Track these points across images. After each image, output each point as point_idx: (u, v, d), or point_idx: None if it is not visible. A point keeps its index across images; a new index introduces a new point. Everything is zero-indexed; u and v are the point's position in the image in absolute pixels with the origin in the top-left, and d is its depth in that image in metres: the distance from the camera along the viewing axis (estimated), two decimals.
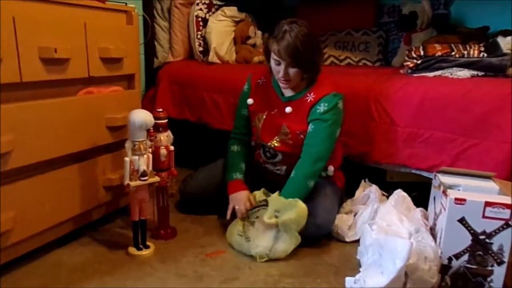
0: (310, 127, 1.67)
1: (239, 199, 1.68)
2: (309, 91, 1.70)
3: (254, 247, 1.56)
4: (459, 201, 1.30)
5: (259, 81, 1.84)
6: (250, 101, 1.81)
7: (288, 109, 1.71)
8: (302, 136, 1.70)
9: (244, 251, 1.58)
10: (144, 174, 1.51)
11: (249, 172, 1.83)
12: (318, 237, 1.67)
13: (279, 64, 1.61)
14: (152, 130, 1.58)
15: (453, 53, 1.94)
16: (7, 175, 1.32)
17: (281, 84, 1.70)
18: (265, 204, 1.61)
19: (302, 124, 1.69)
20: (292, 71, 1.61)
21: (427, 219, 1.53)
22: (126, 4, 1.79)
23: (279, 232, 1.57)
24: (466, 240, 1.32)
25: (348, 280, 1.38)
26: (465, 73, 1.87)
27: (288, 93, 1.75)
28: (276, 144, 1.75)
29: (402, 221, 1.45)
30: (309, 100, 1.68)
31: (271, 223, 1.55)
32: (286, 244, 1.55)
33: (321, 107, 1.65)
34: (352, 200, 1.86)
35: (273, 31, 1.62)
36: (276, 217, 1.57)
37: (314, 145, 1.66)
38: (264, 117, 1.77)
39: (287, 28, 1.57)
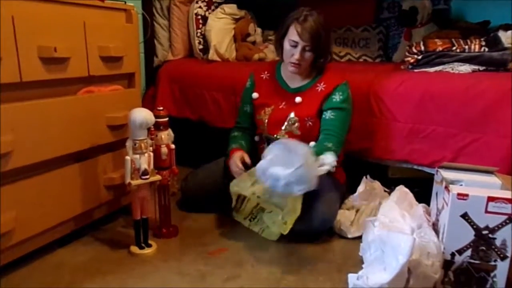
0: (330, 114, 1.71)
1: (231, 162, 1.73)
2: (319, 80, 1.75)
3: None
4: (462, 196, 1.29)
5: (262, 76, 1.88)
6: (255, 95, 1.85)
7: (298, 99, 1.75)
8: (310, 123, 1.73)
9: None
10: (145, 172, 1.51)
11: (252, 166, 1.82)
12: (320, 231, 1.67)
13: (295, 46, 1.67)
14: (152, 129, 1.58)
15: (454, 48, 1.93)
16: (7, 175, 1.32)
17: (291, 69, 1.72)
18: None
19: (311, 111, 1.73)
20: (307, 54, 1.68)
21: (429, 215, 1.52)
22: (125, 2, 1.79)
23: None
24: (469, 235, 1.31)
25: (351, 277, 1.37)
26: (466, 68, 1.86)
27: (294, 84, 1.79)
28: (283, 136, 1.76)
29: (405, 217, 1.45)
30: (319, 90, 1.74)
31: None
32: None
33: (337, 96, 1.71)
34: (355, 196, 1.85)
35: (292, 15, 1.70)
36: None
37: (337, 130, 1.71)
38: (271, 110, 1.79)
39: (307, 13, 1.66)
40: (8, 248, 1.35)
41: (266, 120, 1.79)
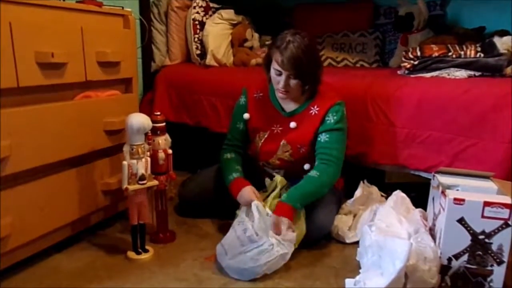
0: (325, 137, 1.66)
1: (245, 197, 1.62)
2: (312, 103, 1.69)
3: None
4: (458, 201, 1.30)
5: (255, 95, 1.80)
6: (246, 115, 1.78)
7: (292, 124, 1.70)
8: (303, 149, 1.70)
9: None
10: (142, 178, 1.51)
11: (245, 172, 1.80)
12: (317, 239, 1.67)
13: (280, 74, 1.60)
14: (150, 134, 1.58)
15: (449, 54, 1.94)
16: (4, 180, 1.32)
17: (280, 95, 1.67)
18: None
19: (304, 138, 1.69)
20: (293, 82, 1.61)
21: (426, 220, 1.53)
22: (123, 8, 1.79)
23: None
24: (465, 240, 1.32)
25: (348, 282, 1.37)
26: (462, 74, 1.87)
27: (289, 108, 1.73)
28: (275, 162, 1.76)
29: (401, 222, 1.45)
30: (313, 114, 1.68)
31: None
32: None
33: (331, 118, 1.66)
34: (352, 201, 1.86)
35: (275, 41, 1.61)
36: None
37: (334, 154, 1.65)
38: (266, 135, 1.75)
39: (290, 38, 1.56)
40: (5, 253, 1.35)
41: (260, 146, 1.76)
